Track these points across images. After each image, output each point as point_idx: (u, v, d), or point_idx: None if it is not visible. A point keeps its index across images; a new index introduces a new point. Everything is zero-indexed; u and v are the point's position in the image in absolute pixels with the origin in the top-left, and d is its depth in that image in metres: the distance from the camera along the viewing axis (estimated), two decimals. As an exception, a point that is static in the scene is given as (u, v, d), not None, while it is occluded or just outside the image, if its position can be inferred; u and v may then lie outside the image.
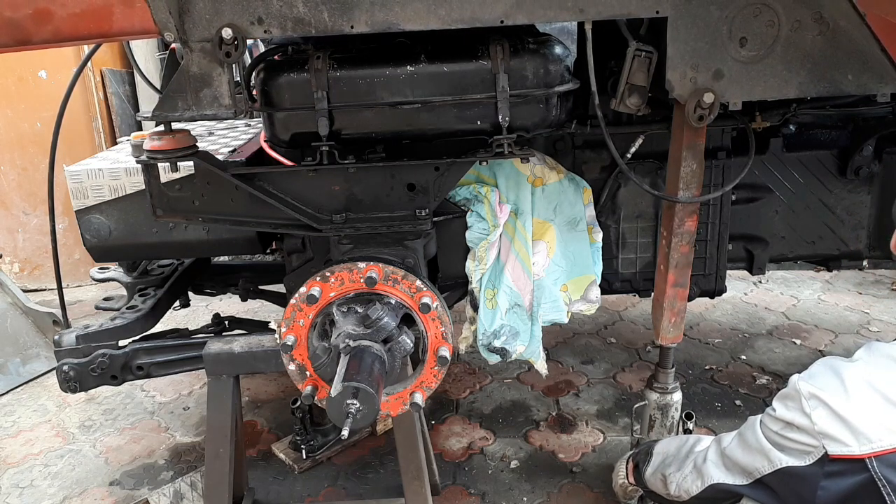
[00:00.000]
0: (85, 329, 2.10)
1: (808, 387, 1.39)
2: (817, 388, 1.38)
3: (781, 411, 1.45)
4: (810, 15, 1.52)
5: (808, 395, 1.38)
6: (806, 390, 1.39)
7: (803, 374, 1.45)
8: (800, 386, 1.41)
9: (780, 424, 1.45)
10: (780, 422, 1.45)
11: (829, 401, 1.35)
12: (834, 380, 1.38)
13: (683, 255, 1.88)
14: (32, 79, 4.24)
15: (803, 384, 1.41)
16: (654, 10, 1.52)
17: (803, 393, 1.39)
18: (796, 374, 1.46)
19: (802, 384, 1.41)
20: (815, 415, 1.35)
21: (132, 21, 1.46)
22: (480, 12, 1.51)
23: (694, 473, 1.73)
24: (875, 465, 1.28)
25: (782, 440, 1.44)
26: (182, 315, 3.73)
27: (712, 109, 1.59)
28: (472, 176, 2.01)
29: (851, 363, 1.40)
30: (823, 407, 1.35)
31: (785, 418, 1.43)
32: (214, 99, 1.55)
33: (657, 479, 1.92)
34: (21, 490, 2.62)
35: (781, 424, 1.44)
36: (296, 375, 1.81)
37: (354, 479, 2.57)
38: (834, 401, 1.34)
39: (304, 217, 1.84)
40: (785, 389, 1.48)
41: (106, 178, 2.09)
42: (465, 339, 2.14)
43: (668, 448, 1.95)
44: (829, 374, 1.40)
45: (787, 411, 1.43)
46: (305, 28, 1.51)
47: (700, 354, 3.32)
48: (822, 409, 1.35)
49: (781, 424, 1.44)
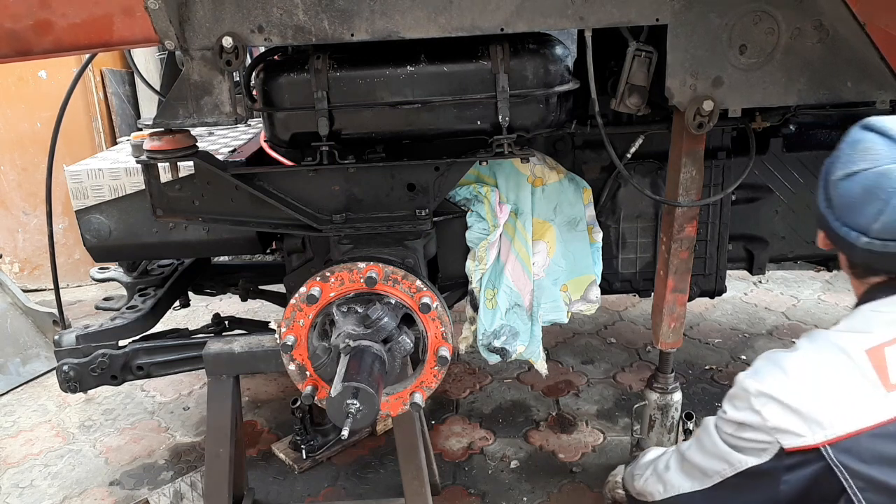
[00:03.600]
0: (85, 329, 2.10)
1: (755, 384, 1.37)
2: (765, 385, 1.36)
3: (732, 413, 1.43)
4: (810, 23, 1.52)
5: (757, 393, 1.36)
6: (754, 388, 1.37)
7: (748, 372, 1.43)
8: (747, 384, 1.39)
9: (732, 426, 1.43)
10: (733, 423, 1.43)
11: (777, 395, 1.33)
12: (779, 373, 1.36)
13: (683, 260, 1.88)
14: (32, 79, 4.24)
15: (750, 382, 1.39)
16: (653, 18, 1.52)
17: (751, 391, 1.37)
18: (742, 373, 1.44)
19: (749, 382, 1.39)
20: (766, 411, 1.34)
21: (133, 30, 1.46)
22: (480, 20, 1.52)
23: (654, 477, 1.72)
24: (830, 453, 1.27)
25: (737, 441, 1.43)
26: (182, 315, 3.73)
27: (712, 117, 1.59)
28: (472, 176, 2.01)
29: (793, 354, 1.39)
30: (773, 402, 1.34)
31: (736, 419, 1.41)
32: (215, 107, 1.56)
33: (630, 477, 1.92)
34: (21, 490, 2.62)
35: (734, 426, 1.43)
36: (296, 375, 1.81)
37: (354, 479, 2.57)
38: (782, 394, 1.33)
39: (304, 217, 1.84)
40: (732, 390, 1.46)
41: (106, 178, 2.09)
42: (465, 339, 2.14)
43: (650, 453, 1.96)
44: (773, 369, 1.38)
45: (737, 412, 1.41)
46: (306, 36, 1.52)
47: (700, 354, 3.32)
48: (772, 404, 1.34)
49: (734, 426, 1.43)
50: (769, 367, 1.40)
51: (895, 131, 1.35)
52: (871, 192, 1.32)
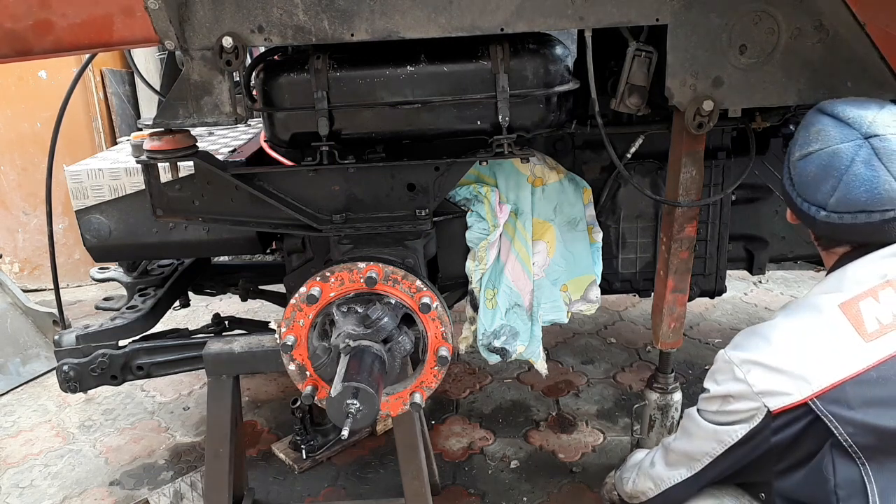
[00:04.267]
0: (85, 329, 2.10)
1: (737, 354, 1.40)
2: (746, 352, 1.39)
3: (715, 388, 1.44)
4: (810, 23, 1.52)
5: (740, 362, 1.38)
6: (736, 358, 1.39)
7: (727, 348, 1.45)
8: (729, 355, 1.41)
9: (717, 402, 1.45)
10: (717, 399, 1.44)
11: (760, 359, 1.36)
12: (759, 340, 1.39)
13: (683, 260, 1.88)
14: (32, 79, 4.25)
15: (732, 353, 1.41)
16: (653, 18, 1.52)
17: (734, 361, 1.39)
18: (721, 351, 1.46)
19: (731, 353, 1.42)
20: (751, 377, 1.36)
21: (133, 30, 1.46)
22: (480, 21, 1.52)
23: (642, 475, 1.72)
24: (819, 404, 1.30)
25: (724, 416, 1.44)
26: (182, 315, 3.74)
27: (712, 117, 1.59)
28: (472, 176, 2.01)
29: (771, 322, 1.42)
30: (757, 367, 1.36)
31: (720, 392, 1.43)
32: (215, 107, 1.56)
33: (620, 481, 1.93)
34: (21, 490, 2.62)
35: (719, 401, 1.44)
36: (296, 375, 1.81)
37: (354, 479, 2.58)
38: (765, 357, 1.36)
39: (304, 217, 1.84)
40: (713, 367, 1.48)
41: (106, 178, 2.09)
42: (465, 339, 2.14)
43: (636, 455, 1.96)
44: (752, 337, 1.42)
45: (720, 386, 1.43)
46: (306, 36, 1.52)
47: (700, 354, 3.32)
48: (757, 369, 1.36)
49: (719, 401, 1.44)
50: (748, 337, 1.43)
51: (844, 114, 1.42)
52: (826, 171, 1.41)
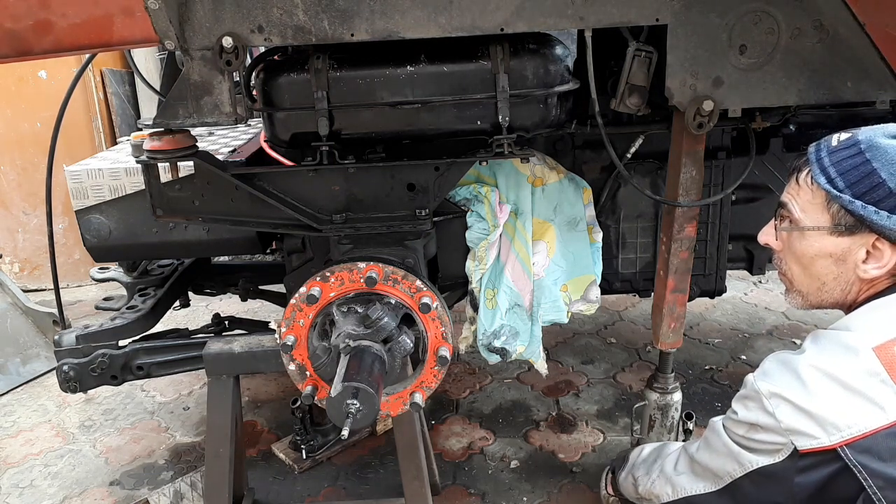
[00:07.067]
0: (85, 329, 2.10)
1: (766, 385, 1.38)
2: (776, 386, 1.37)
3: (744, 413, 1.43)
4: (810, 23, 1.52)
5: (769, 394, 1.37)
6: (766, 389, 1.38)
7: (757, 373, 1.44)
8: (759, 386, 1.40)
9: (744, 427, 1.44)
10: (744, 424, 1.43)
11: (790, 396, 1.34)
12: (790, 375, 1.37)
13: (683, 260, 1.88)
14: (32, 79, 4.24)
15: (762, 383, 1.39)
16: (653, 18, 1.52)
17: (763, 392, 1.38)
18: (751, 374, 1.44)
19: (761, 384, 1.40)
20: (780, 412, 1.35)
21: (133, 30, 1.46)
22: (480, 20, 1.52)
23: (662, 479, 1.72)
24: (848, 453, 1.27)
25: (749, 442, 1.43)
26: (182, 315, 3.74)
27: (712, 117, 1.59)
28: (472, 176, 2.01)
29: (802, 356, 1.39)
30: (786, 403, 1.34)
31: (748, 420, 1.42)
32: (215, 107, 1.56)
33: (628, 482, 1.92)
34: (21, 490, 2.62)
35: (746, 427, 1.43)
36: (296, 375, 1.81)
37: (354, 479, 2.57)
38: (795, 396, 1.34)
39: (304, 217, 1.84)
40: (743, 391, 1.46)
41: (106, 178, 2.09)
42: (465, 339, 2.14)
43: (641, 452, 1.96)
44: (783, 370, 1.39)
45: (749, 412, 1.42)
46: (306, 36, 1.52)
47: (700, 354, 3.32)
48: (785, 406, 1.34)
49: (746, 427, 1.43)
50: (779, 369, 1.40)
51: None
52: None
